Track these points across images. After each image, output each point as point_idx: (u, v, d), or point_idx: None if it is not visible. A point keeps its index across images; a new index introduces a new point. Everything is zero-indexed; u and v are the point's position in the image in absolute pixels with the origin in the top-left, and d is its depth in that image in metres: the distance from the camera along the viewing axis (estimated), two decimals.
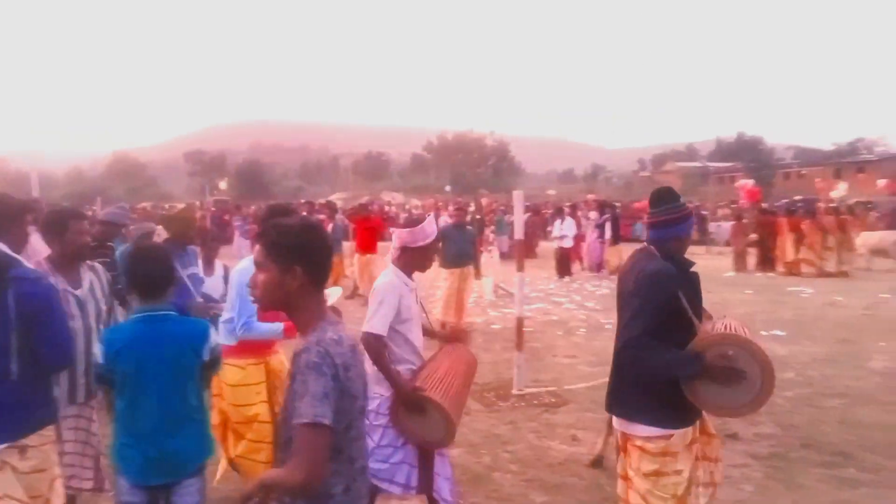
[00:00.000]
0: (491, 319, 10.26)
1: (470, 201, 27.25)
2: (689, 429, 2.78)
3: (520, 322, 6.46)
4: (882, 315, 10.18)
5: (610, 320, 10.10)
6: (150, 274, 2.57)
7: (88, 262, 3.42)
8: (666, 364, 2.64)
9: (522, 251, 6.81)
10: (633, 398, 2.78)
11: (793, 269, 15.58)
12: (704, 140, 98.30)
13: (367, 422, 3.06)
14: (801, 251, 15.75)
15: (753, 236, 17.11)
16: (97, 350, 2.62)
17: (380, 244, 12.55)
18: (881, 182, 30.79)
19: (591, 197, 25.36)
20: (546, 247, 23.06)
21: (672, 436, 2.71)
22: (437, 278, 9.73)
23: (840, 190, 29.08)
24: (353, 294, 11.95)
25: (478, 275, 10.29)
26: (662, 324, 2.65)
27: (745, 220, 18.13)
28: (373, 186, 61.98)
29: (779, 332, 8.91)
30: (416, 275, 3.47)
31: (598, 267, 16.17)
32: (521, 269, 6.61)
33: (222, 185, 48.70)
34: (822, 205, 17.96)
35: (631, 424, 2.79)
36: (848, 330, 9.16)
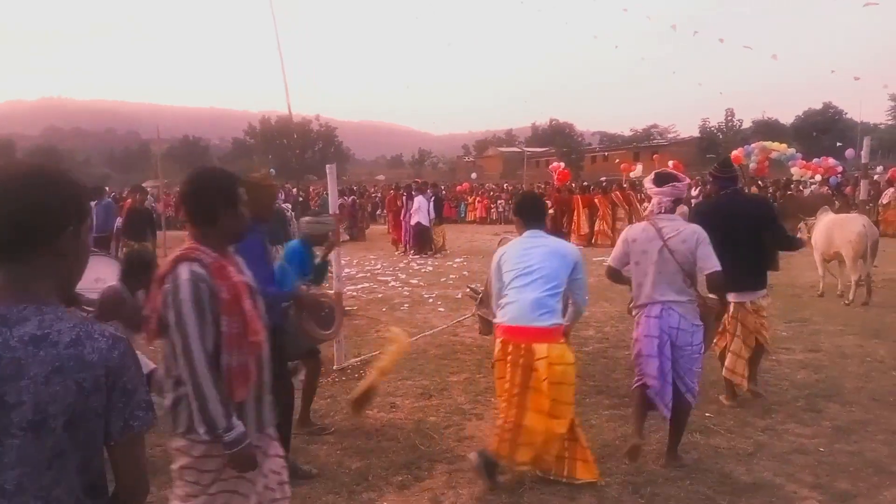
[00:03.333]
0: None
1: (294, 186, 26.70)
2: None
3: (338, 296, 6.42)
4: None
5: (432, 295, 10.40)
6: None
7: None
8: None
9: (338, 225, 6.76)
10: (762, 277, 4.95)
11: (588, 241, 17.23)
12: (522, 126, 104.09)
13: (690, 348, 3.99)
14: (596, 224, 17.55)
15: (550, 212, 18.66)
16: None
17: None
18: (671, 163, 34.74)
19: (419, 181, 26.06)
20: (375, 229, 23.18)
21: None
22: None
23: (637, 170, 32.28)
24: None
25: None
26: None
27: (545, 198, 19.67)
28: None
29: None
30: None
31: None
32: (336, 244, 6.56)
33: None
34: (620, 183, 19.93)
35: (758, 292, 4.93)
36: None
